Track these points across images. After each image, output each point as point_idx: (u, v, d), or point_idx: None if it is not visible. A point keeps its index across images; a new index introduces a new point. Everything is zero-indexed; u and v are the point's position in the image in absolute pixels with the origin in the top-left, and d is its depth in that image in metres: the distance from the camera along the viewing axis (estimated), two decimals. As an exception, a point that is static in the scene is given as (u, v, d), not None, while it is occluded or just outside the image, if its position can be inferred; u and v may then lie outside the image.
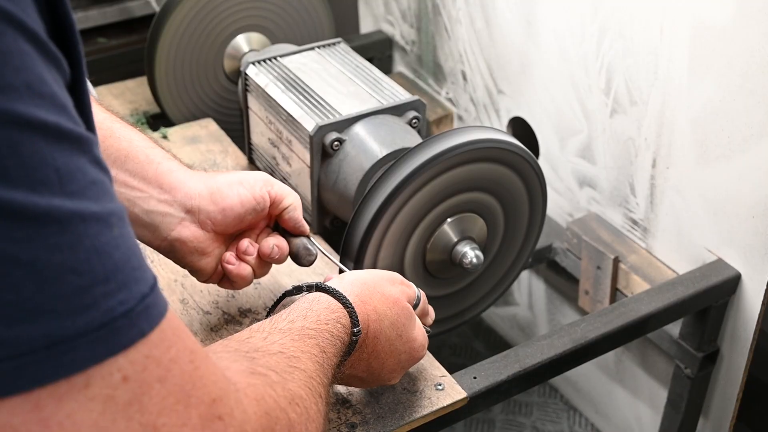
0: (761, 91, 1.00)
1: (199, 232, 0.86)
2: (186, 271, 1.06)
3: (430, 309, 0.90)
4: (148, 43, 1.34)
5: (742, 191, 1.08)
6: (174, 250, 0.87)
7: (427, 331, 0.87)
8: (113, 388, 0.44)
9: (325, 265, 1.07)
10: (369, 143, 1.06)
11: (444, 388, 0.92)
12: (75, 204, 0.43)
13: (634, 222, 1.26)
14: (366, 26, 1.75)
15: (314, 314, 0.73)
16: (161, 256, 1.09)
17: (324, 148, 1.07)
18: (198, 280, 0.91)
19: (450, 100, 1.57)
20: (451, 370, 0.96)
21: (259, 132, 1.22)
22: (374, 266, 0.98)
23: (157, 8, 1.65)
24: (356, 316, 0.76)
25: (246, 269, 0.89)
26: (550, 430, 1.55)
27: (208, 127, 1.36)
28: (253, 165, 1.27)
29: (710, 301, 1.13)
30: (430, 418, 0.91)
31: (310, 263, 0.92)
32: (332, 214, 1.13)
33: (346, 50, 1.24)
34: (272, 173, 1.22)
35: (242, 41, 1.38)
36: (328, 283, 0.79)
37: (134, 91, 1.49)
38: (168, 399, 0.46)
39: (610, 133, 1.24)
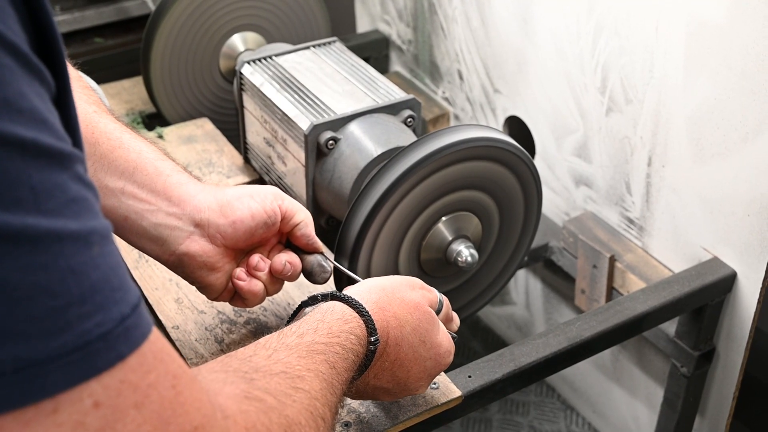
0: (757, 89, 1.00)
1: (209, 247, 0.84)
2: (181, 270, 1.06)
3: (455, 315, 0.88)
4: (144, 43, 1.34)
5: (738, 190, 1.07)
6: (182, 265, 0.84)
7: (453, 337, 0.84)
8: (83, 414, 0.42)
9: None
10: (364, 142, 1.05)
11: (439, 387, 0.92)
12: (51, 222, 0.41)
13: (630, 221, 1.26)
14: (362, 26, 1.74)
15: (326, 326, 0.71)
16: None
17: (319, 147, 1.07)
18: (208, 297, 0.89)
19: (446, 99, 1.57)
20: (448, 369, 0.96)
21: (255, 131, 1.22)
22: (369, 265, 0.98)
23: (153, 8, 1.65)
24: (373, 325, 0.74)
25: (257, 285, 0.86)
26: (548, 429, 1.54)
27: (203, 126, 1.36)
28: (248, 164, 1.27)
29: (706, 299, 1.13)
30: (424, 416, 0.91)
31: (324, 280, 0.89)
32: (327, 213, 1.13)
33: (341, 49, 1.24)
34: (267, 172, 1.21)
35: (238, 40, 1.38)
36: (345, 291, 0.77)
37: (130, 90, 1.49)
38: (144, 426, 0.44)
39: (606, 131, 1.24)
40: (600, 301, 1.27)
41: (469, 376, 0.95)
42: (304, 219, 0.87)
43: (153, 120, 1.42)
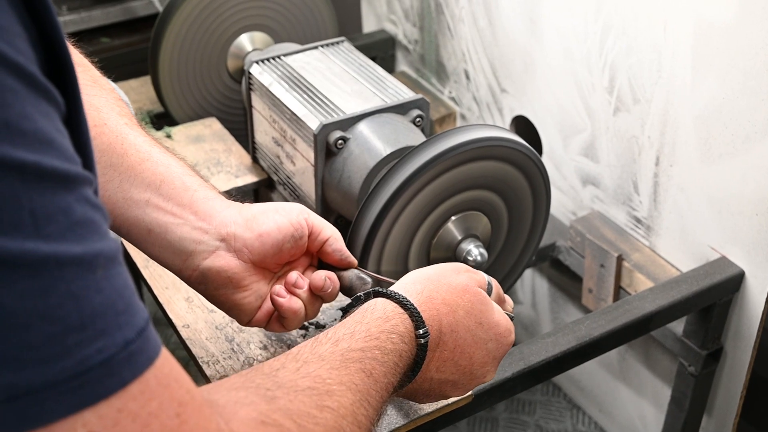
0: (765, 89, 1.00)
1: (235, 262, 0.81)
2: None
3: (507, 296, 0.84)
4: (152, 43, 1.34)
5: (745, 189, 1.08)
6: (206, 281, 0.81)
7: (511, 317, 0.81)
8: None
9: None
10: (373, 142, 1.06)
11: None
12: (51, 247, 0.40)
13: (638, 220, 1.26)
14: (369, 25, 1.75)
15: (363, 329, 0.68)
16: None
17: (328, 147, 1.07)
18: (239, 321, 0.85)
19: (453, 98, 1.57)
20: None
21: (263, 131, 1.22)
22: (379, 264, 0.98)
23: (160, 8, 1.65)
24: (419, 316, 0.71)
25: (297, 303, 0.82)
26: (554, 428, 1.55)
27: (211, 126, 1.36)
28: (256, 164, 1.28)
29: (714, 298, 1.13)
30: (435, 415, 0.91)
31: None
32: (336, 213, 1.13)
33: (349, 49, 1.24)
34: (276, 172, 1.22)
35: (245, 40, 1.38)
36: (390, 288, 0.74)
37: (138, 90, 1.49)
38: None
39: (614, 131, 1.24)
40: (607, 301, 1.27)
41: (479, 375, 0.95)
42: (332, 234, 0.84)
43: (161, 119, 1.43)
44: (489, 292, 0.80)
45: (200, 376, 0.98)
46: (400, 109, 1.10)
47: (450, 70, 1.55)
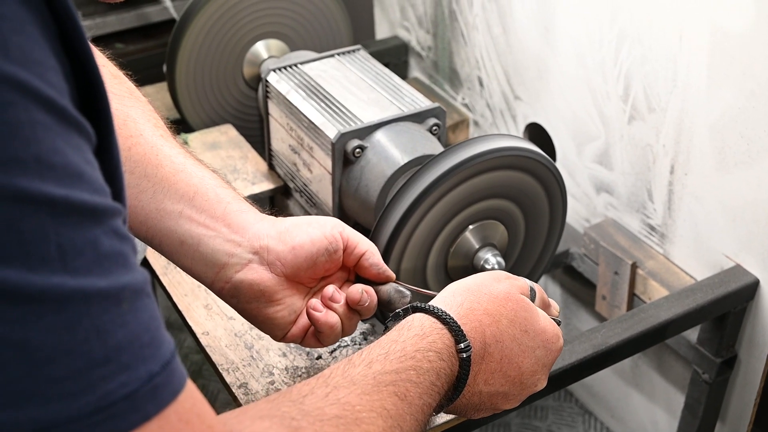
0: (781, 99, 1.01)
1: (267, 275, 0.79)
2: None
3: (552, 300, 0.83)
4: (169, 50, 1.35)
5: (760, 198, 1.08)
6: (238, 294, 0.80)
7: (557, 322, 0.79)
8: None
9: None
10: (390, 150, 1.06)
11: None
12: (77, 281, 0.41)
13: (652, 228, 1.27)
14: (382, 32, 1.75)
15: (399, 348, 0.66)
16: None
17: (346, 155, 1.08)
18: (273, 337, 0.83)
19: (466, 105, 1.58)
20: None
21: (280, 138, 1.23)
22: (398, 271, 0.99)
23: (174, 14, 1.67)
24: (459, 330, 0.69)
25: (334, 318, 0.80)
26: (566, 434, 1.55)
27: (227, 133, 1.37)
28: (272, 171, 1.28)
29: (729, 307, 1.14)
30: (451, 424, 0.91)
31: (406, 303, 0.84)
32: (353, 221, 1.14)
33: (365, 57, 1.25)
34: (292, 179, 1.23)
35: (261, 48, 1.39)
36: (430, 302, 0.72)
37: (153, 96, 1.50)
38: None
39: (628, 139, 1.24)
40: (621, 308, 1.28)
41: (496, 383, 0.96)
42: (369, 249, 0.83)
43: (177, 126, 1.43)
44: (532, 298, 0.78)
45: (216, 381, 0.98)
46: (417, 117, 1.11)
47: (463, 76, 1.56)
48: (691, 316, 1.10)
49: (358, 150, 1.07)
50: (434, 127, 1.11)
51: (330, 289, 0.81)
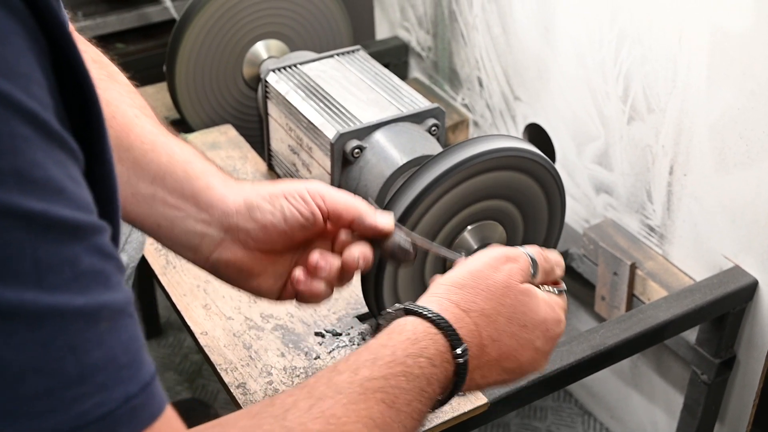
0: (780, 100, 1.01)
1: (241, 252, 0.77)
2: (209, 276, 1.08)
3: (554, 257, 0.78)
4: (169, 50, 1.36)
5: (760, 199, 1.08)
6: (219, 272, 0.79)
7: (561, 292, 0.76)
8: None
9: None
10: (389, 151, 1.06)
11: (464, 394, 0.93)
12: (53, 298, 0.40)
13: (651, 228, 1.27)
14: (382, 32, 1.76)
15: (388, 353, 0.63)
16: (184, 261, 1.10)
17: (345, 156, 1.08)
18: (269, 300, 0.82)
19: (466, 106, 1.58)
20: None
21: (279, 138, 1.23)
22: (396, 272, 0.99)
23: (175, 14, 1.67)
24: (455, 335, 0.66)
25: (319, 286, 0.77)
26: (565, 434, 1.55)
27: (227, 133, 1.37)
28: (272, 171, 1.29)
29: (728, 308, 1.14)
30: (451, 423, 0.92)
31: (411, 261, 0.80)
32: (352, 221, 1.14)
33: (364, 57, 1.25)
34: (291, 179, 1.23)
35: (261, 48, 1.39)
36: (424, 298, 0.69)
37: (153, 96, 1.50)
38: None
39: (628, 140, 1.24)
40: (620, 308, 1.28)
41: (495, 384, 0.96)
42: (358, 212, 0.77)
43: (176, 126, 1.44)
44: (534, 271, 0.74)
45: (216, 381, 0.98)
46: (416, 118, 1.11)
47: (463, 77, 1.56)
48: (689, 317, 1.10)
49: (357, 150, 1.07)
50: (433, 128, 1.11)
51: (314, 258, 0.77)
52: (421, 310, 0.67)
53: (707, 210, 1.16)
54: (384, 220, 0.78)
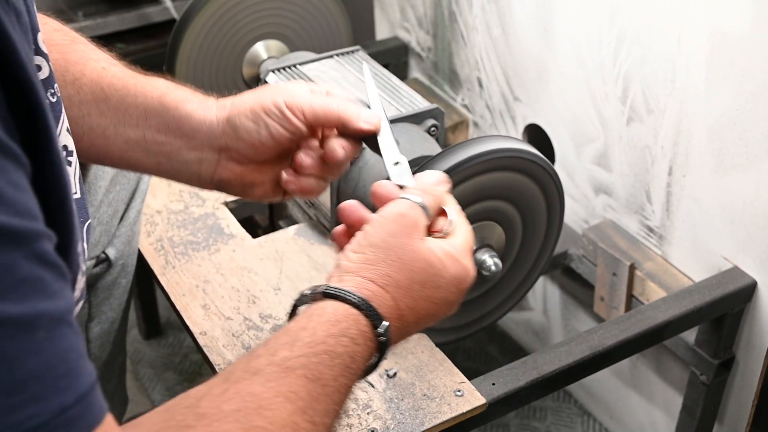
0: (779, 101, 1.01)
1: (238, 168, 0.80)
2: (208, 276, 1.08)
3: (431, 180, 0.75)
4: (169, 50, 1.36)
5: (759, 200, 1.08)
6: (224, 189, 0.82)
7: (451, 222, 0.74)
8: None
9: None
10: (388, 151, 1.06)
11: (463, 395, 0.94)
12: None
13: (650, 229, 1.27)
14: (382, 32, 1.76)
15: (308, 334, 0.63)
16: (182, 261, 1.10)
17: (344, 156, 1.08)
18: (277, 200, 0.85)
19: (465, 106, 1.58)
20: (466, 374, 0.97)
21: (279, 139, 1.23)
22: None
23: (175, 14, 1.67)
24: (376, 314, 0.66)
25: (308, 182, 0.79)
26: (564, 434, 1.55)
27: (227, 133, 1.37)
28: (271, 171, 1.29)
29: (726, 308, 1.14)
30: (449, 424, 0.92)
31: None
32: (351, 221, 1.14)
33: (364, 58, 1.25)
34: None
35: (261, 48, 1.39)
36: (338, 282, 0.67)
37: (153, 96, 1.50)
38: None
39: (627, 140, 1.24)
40: (619, 309, 1.28)
41: (493, 384, 0.96)
42: (341, 118, 0.77)
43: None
44: (428, 214, 0.72)
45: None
46: (415, 118, 1.11)
47: (463, 77, 1.56)
48: (688, 318, 1.11)
49: (356, 151, 1.07)
50: (432, 128, 1.11)
51: (300, 158, 0.79)
52: (340, 293, 0.66)
53: (706, 211, 1.16)
54: (368, 123, 0.78)
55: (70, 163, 0.68)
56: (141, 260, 1.15)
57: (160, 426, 0.54)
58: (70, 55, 0.84)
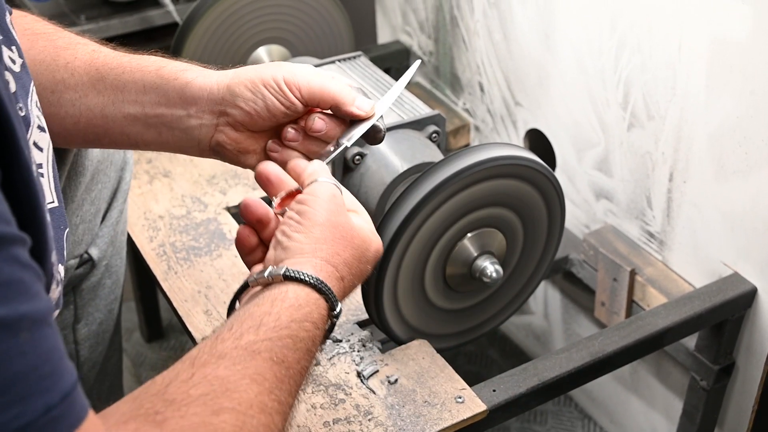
0: (779, 108, 1.01)
1: (234, 134, 0.83)
2: (210, 282, 1.09)
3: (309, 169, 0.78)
4: (172, 54, 1.36)
5: (759, 206, 1.09)
6: (220, 155, 0.85)
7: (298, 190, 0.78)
8: None
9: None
10: (390, 158, 1.07)
11: (464, 401, 0.94)
12: None
13: (651, 235, 1.27)
14: (384, 36, 1.76)
15: (272, 319, 0.65)
16: (186, 267, 1.11)
17: (346, 162, 1.08)
18: None
19: (467, 110, 1.58)
20: (466, 378, 0.97)
21: (281, 144, 1.23)
22: (396, 279, 0.99)
23: (177, 17, 1.67)
24: (334, 297, 0.69)
25: (290, 154, 0.82)
26: (565, 438, 1.56)
27: (229, 137, 1.38)
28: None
29: (726, 315, 1.14)
30: (450, 430, 0.92)
31: (380, 140, 0.87)
32: (353, 227, 1.14)
33: (366, 64, 1.25)
34: (293, 185, 1.23)
35: (263, 53, 1.40)
36: (295, 265, 0.69)
37: (156, 100, 1.51)
38: None
39: (627, 146, 1.25)
40: (620, 314, 1.28)
41: (494, 390, 0.97)
42: (336, 100, 0.81)
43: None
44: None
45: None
46: (417, 125, 1.11)
47: (464, 82, 1.56)
48: (688, 325, 1.11)
49: (357, 157, 1.08)
50: (434, 134, 1.12)
51: (288, 130, 0.82)
52: (301, 276, 0.68)
53: (706, 217, 1.17)
54: (359, 109, 0.82)
55: (42, 175, 0.69)
56: (143, 264, 1.16)
57: (130, 415, 0.55)
58: (58, 41, 0.86)
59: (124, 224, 1.12)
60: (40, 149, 0.70)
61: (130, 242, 1.18)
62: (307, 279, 0.68)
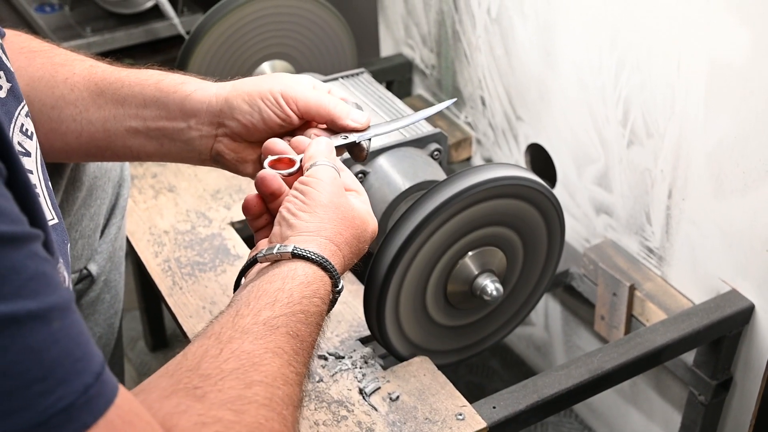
0: (776, 128, 1.03)
1: (233, 144, 0.86)
2: (215, 298, 1.10)
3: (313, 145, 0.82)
4: (178, 69, 1.37)
5: (756, 224, 1.10)
6: (220, 163, 0.88)
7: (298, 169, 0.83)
8: None
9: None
10: (392, 176, 1.08)
11: (464, 418, 0.95)
12: (8, 306, 0.43)
13: (650, 250, 1.28)
14: (386, 49, 1.78)
15: (285, 296, 0.70)
16: (189, 282, 1.12)
17: (348, 180, 1.10)
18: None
19: (469, 124, 1.60)
20: (468, 388, 0.99)
21: (284, 160, 1.25)
22: (398, 295, 1.01)
23: (181, 30, 1.69)
24: (338, 274, 0.74)
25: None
26: (565, 449, 1.57)
27: (233, 152, 1.39)
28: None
29: (724, 331, 1.15)
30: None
31: (363, 158, 0.90)
32: (355, 243, 1.16)
33: (369, 81, 1.27)
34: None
35: (267, 68, 1.41)
36: (301, 243, 0.73)
37: (160, 114, 1.52)
38: None
39: (627, 163, 1.26)
40: (619, 328, 1.30)
41: (494, 407, 0.98)
42: (331, 115, 0.85)
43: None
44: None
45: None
46: (419, 143, 1.13)
47: (466, 95, 1.58)
48: (686, 341, 1.12)
49: (360, 175, 1.09)
50: (435, 152, 1.13)
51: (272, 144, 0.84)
52: (308, 254, 0.72)
53: (705, 234, 1.18)
54: (355, 122, 0.86)
55: (37, 195, 0.71)
56: (147, 278, 1.17)
57: (171, 390, 0.59)
58: (55, 58, 0.88)
59: (122, 240, 1.14)
60: (30, 171, 0.72)
61: (135, 255, 1.20)
62: (314, 257, 0.72)
